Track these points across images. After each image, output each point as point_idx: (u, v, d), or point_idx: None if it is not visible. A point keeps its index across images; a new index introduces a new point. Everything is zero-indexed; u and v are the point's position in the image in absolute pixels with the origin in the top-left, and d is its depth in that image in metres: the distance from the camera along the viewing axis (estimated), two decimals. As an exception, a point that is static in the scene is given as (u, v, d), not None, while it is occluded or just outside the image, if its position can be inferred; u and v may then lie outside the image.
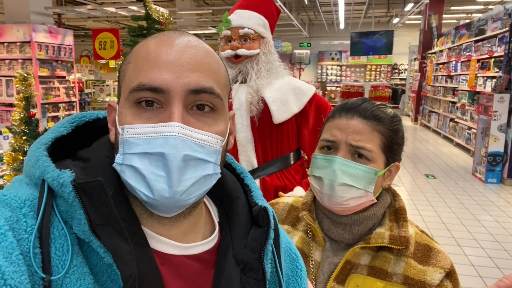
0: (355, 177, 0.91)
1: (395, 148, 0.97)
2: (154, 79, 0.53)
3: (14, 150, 2.89)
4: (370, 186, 0.92)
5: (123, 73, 0.58)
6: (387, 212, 0.99)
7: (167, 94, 0.53)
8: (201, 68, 0.55)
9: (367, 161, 0.92)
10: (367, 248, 0.95)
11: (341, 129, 0.93)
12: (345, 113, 0.95)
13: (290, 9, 12.61)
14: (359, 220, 0.96)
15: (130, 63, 0.57)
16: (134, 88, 0.54)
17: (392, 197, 1.02)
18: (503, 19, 7.15)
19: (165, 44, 0.56)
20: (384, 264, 0.93)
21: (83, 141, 0.63)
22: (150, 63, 0.54)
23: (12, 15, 6.87)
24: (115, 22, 15.59)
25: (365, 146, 0.91)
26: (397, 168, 1.00)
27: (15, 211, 0.49)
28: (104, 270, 0.51)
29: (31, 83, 2.94)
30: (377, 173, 0.92)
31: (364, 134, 0.92)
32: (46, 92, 6.83)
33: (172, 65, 0.54)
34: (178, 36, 0.57)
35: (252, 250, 0.61)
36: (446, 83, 10.45)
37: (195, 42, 0.57)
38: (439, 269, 0.91)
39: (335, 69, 20.27)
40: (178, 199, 0.53)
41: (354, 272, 0.94)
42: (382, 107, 0.97)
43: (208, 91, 0.55)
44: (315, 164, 0.97)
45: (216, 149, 0.56)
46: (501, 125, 6.03)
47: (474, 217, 4.64)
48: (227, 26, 1.78)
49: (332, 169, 0.91)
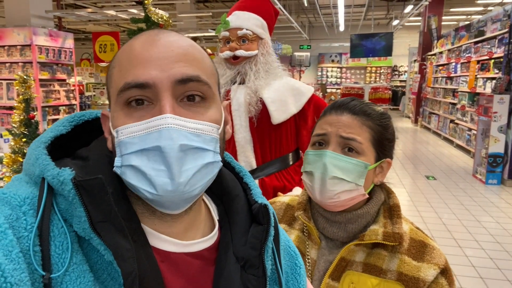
0: (345, 170, 0.92)
1: (385, 144, 0.99)
2: (140, 75, 0.53)
3: (14, 152, 2.90)
4: (360, 179, 0.93)
5: (109, 79, 0.58)
6: (382, 210, 1.00)
7: (155, 88, 0.53)
8: (185, 59, 0.56)
9: (357, 155, 0.93)
10: (362, 245, 0.96)
11: (331, 123, 0.96)
12: (335, 110, 0.98)
13: (290, 12, 12.62)
14: (353, 218, 0.97)
15: (114, 68, 0.58)
16: (121, 88, 0.54)
17: (386, 195, 1.03)
18: (502, 20, 7.16)
19: (146, 42, 0.56)
20: (378, 260, 0.94)
21: (82, 140, 0.63)
22: (133, 62, 0.55)
23: (12, 19, 6.88)
24: (115, 25, 15.63)
25: (356, 138, 0.93)
26: (389, 164, 1.01)
27: (15, 209, 0.49)
28: (104, 268, 0.51)
29: (30, 85, 2.95)
30: (367, 166, 0.94)
31: (354, 128, 0.94)
32: (47, 95, 6.84)
33: (155, 59, 0.54)
34: (157, 33, 0.58)
35: (253, 247, 0.61)
36: (446, 85, 10.45)
37: (175, 36, 0.58)
38: (433, 265, 0.92)
39: (335, 71, 20.28)
40: (182, 191, 0.53)
41: (349, 269, 0.95)
42: (371, 105, 1.00)
43: (195, 79, 0.55)
44: (306, 160, 0.99)
45: (212, 137, 0.56)
46: (501, 126, 6.03)
47: (475, 218, 4.64)
48: (226, 28, 1.79)
49: (323, 163, 0.93)
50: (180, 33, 0.60)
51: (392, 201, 1.00)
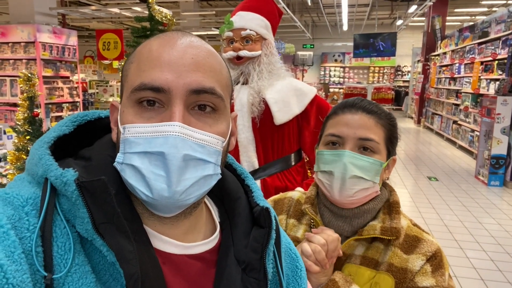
0: (364, 169, 0.95)
1: (394, 142, 1.02)
2: (156, 79, 0.53)
3: (18, 149, 2.91)
4: (376, 177, 0.97)
5: (125, 73, 0.59)
6: (382, 206, 1.03)
7: (169, 94, 0.53)
8: (203, 69, 0.56)
9: (372, 153, 0.96)
10: (361, 240, 0.99)
11: (347, 124, 0.98)
12: (348, 109, 1.00)
13: (293, 11, 12.61)
14: (359, 213, 1.00)
15: (132, 63, 0.58)
16: (136, 87, 0.54)
17: (389, 192, 1.06)
18: (506, 21, 7.13)
19: (168, 44, 0.56)
20: (375, 254, 0.97)
21: (85, 140, 0.63)
22: (152, 63, 0.55)
23: (16, 16, 6.91)
24: (119, 23, 15.64)
25: (373, 138, 0.96)
26: (394, 161, 1.05)
27: (18, 210, 0.49)
28: (106, 269, 0.52)
29: (35, 83, 2.95)
30: (382, 164, 0.97)
31: (370, 128, 0.97)
32: (50, 92, 6.86)
33: (174, 65, 0.54)
34: (181, 36, 0.58)
35: (254, 251, 0.61)
36: (450, 85, 10.42)
37: (197, 42, 0.58)
38: (421, 255, 0.94)
39: (338, 71, 20.25)
40: (177, 199, 0.53)
41: (348, 262, 0.98)
42: (379, 105, 1.04)
43: (209, 92, 0.55)
44: (322, 159, 1.00)
45: (216, 149, 0.56)
46: (504, 127, 6.01)
47: (477, 220, 4.62)
48: (229, 28, 1.79)
49: (343, 163, 0.95)
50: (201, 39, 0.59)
51: (393, 198, 1.04)
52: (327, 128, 1.02)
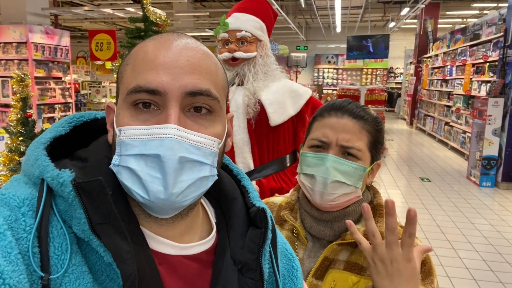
0: (346, 174, 0.94)
1: (378, 147, 1.01)
2: (151, 81, 0.53)
3: (11, 150, 2.88)
4: (359, 182, 0.96)
5: (121, 75, 0.59)
6: None
7: (164, 96, 0.53)
8: (198, 71, 0.56)
9: (355, 159, 0.96)
10: (345, 244, 0.97)
11: (332, 128, 0.97)
12: (334, 112, 0.99)
13: (287, 13, 12.65)
14: (340, 216, 0.99)
15: (128, 65, 0.58)
16: (132, 89, 0.54)
17: (372, 195, 1.05)
18: (497, 24, 7.22)
19: (163, 46, 0.56)
20: (359, 258, 0.96)
21: (81, 141, 0.63)
22: (147, 65, 0.55)
23: (8, 16, 6.85)
24: (112, 24, 15.57)
25: (354, 146, 0.95)
26: (378, 166, 1.04)
27: (14, 210, 0.49)
28: (103, 269, 0.52)
29: (28, 84, 2.93)
30: (365, 169, 0.97)
31: (354, 133, 0.96)
32: (42, 93, 6.81)
33: (169, 67, 0.54)
34: (176, 38, 0.58)
35: (250, 251, 0.61)
36: (441, 87, 10.52)
37: (193, 44, 0.58)
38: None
39: (332, 72, 20.34)
40: (173, 200, 0.53)
41: (332, 267, 0.97)
42: (366, 109, 1.02)
43: (205, 93, 0.55)
44: (305, 162, 0.99)
45: (212, 151, 0.56)
46: (495, 129, 6.08)
47: (469, 220, 4.67)
48: (225, 29, 1.79)
49: (325, 167, 0.94)
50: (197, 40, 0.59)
51: (377, 201, 1.03)
52: (312, 130, 1.02)
